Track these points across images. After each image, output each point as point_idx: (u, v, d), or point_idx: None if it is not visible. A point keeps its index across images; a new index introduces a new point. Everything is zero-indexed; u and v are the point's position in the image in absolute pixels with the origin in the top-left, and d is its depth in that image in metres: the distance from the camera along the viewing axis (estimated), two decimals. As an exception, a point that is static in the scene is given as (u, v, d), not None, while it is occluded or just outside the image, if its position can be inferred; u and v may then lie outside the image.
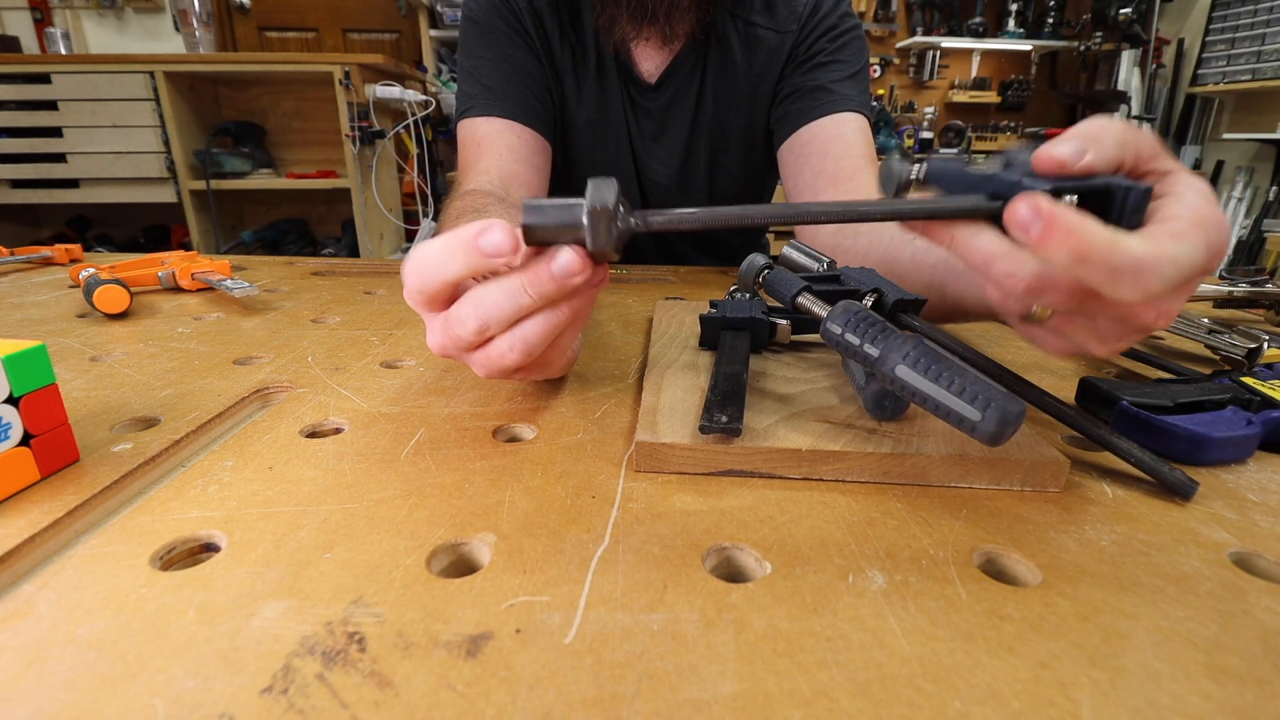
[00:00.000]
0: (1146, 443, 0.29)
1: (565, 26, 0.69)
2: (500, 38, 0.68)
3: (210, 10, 2.30)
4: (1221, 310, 0.58)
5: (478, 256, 0.26)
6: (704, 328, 0.39)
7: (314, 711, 0.16)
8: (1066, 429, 0.33)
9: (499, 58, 0.68)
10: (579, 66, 0.71)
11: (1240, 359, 0.40)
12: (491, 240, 0.26)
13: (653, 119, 0.74)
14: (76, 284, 0.58)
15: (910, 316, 0.34)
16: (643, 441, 0.27)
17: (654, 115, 0.73)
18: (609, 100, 0.72)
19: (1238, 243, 2.74)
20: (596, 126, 0.74)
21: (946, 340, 0.33)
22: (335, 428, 0.32)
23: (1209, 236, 0.22)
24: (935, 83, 3.17)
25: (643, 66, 0.71)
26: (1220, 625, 0.19)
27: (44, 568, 0.21)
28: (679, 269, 0.73)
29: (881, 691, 0.17)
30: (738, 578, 0.21)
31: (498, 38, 0.68)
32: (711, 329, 0.39)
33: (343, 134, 2.04)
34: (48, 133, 2.02)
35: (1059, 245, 0.21)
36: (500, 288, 0.27)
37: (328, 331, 0.46)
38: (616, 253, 0.26)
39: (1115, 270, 0.21)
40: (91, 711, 0.16)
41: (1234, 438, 0.29)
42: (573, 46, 0.70)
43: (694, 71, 0.71)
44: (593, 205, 0.25)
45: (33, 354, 0.25)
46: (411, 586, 0.20)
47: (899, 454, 0.27)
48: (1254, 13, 2.65)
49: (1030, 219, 0.21)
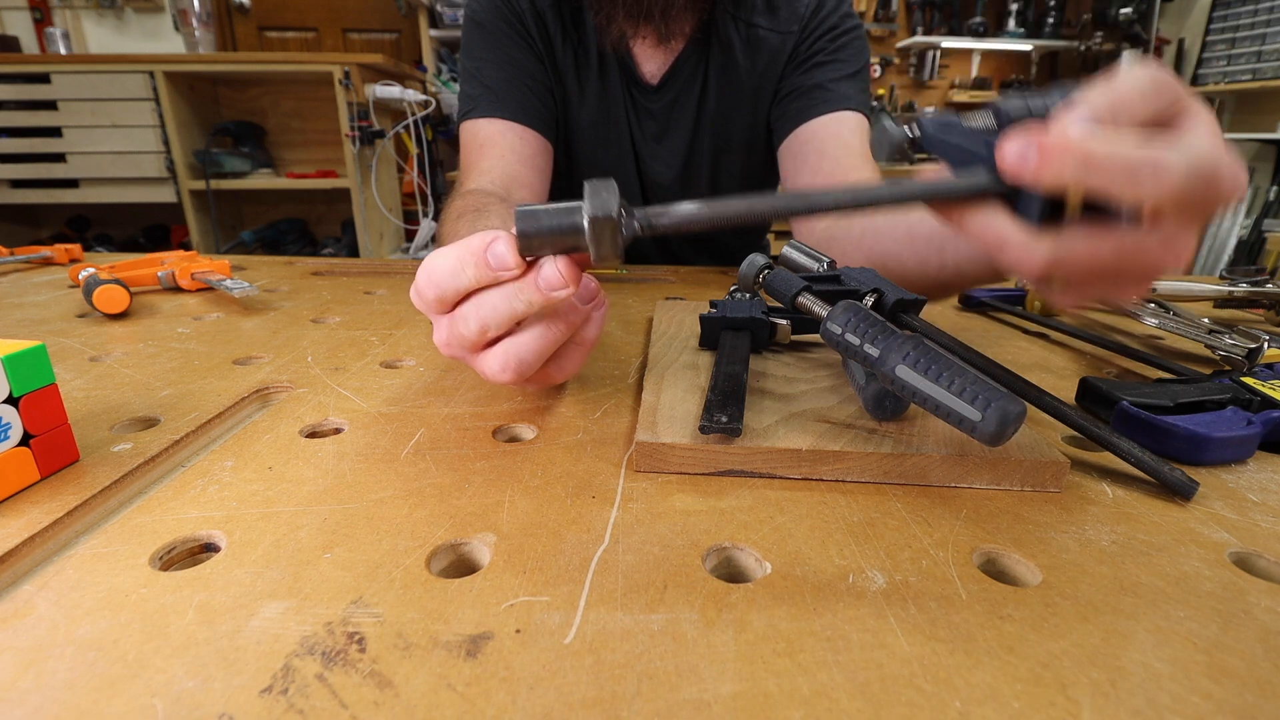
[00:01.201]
0: (1147, 443, 0.29)
1: (568, 27, 0.69)
2: (503, 39, 0.68)
3: (210, 10, 2.30)
4: (1222, 310, 0.58)
5: (486, 269, 0.27)
6: (704, 328, 0.39)
7: (314, 711, 0.16)
8: (1067, 429, 0.33)
9: (501, 59, 0.68)
10: (581, 67, 0.71)
11: (1240, 359, 0.40)
12: (495, 253, 0.26)
13: (655, 120, 0.74)
14: (76, 284, 0.58)
15: (910, 316, 0.34)
16: (643, 441, 0.27)
17: (656, 116, 0.73)
18: (611, 101, 0.72)
19: (1238, 243, 2.74)
20: (599, 127, 0.74)
21: (947, 340, 0.33)
22: (335, 428, 0.32)
23: (1220, 145, 0.21)
24: (935, 83, 3.16)
25: (644, 67, 0.71)
26: (1220, 625, 0.19)
27: (44, 568, 0.21)
28: (679, 269, 0.73)
29: (881, 691, 0.17)
30: (738, 578, 0.21)
31: (500, 39, 0.68)
32: (711, 329, 0.39)
33: (343, 134, 2.04)
34: (47, 133, 2.02)
35: (1061, 163, 0.20)
36: (500, 293, 0.27)
37: (328, 331, 0.46)
38: (619, 258, 0.26)
39: (1129, 166, 0.20)
40: (91, 711, 0.16)
41: (1234, 438, 0.29)
42: (575, 48, 0.70)
43: (696, 72, 0.71)
44: (594, 214, 0.24)
45: (33, 354, 0.25)
46: (411, 587, 0.20)
47: (899, 454, 0.27)
48: (1254, 13, 2.65)
49: (1022, 152, 0.21)
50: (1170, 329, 0.44)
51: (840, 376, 0.35)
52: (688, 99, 0.72)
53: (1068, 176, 0.21)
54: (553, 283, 0.26)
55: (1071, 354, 0.45)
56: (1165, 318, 0.45)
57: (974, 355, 0.33)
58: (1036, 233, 0.23)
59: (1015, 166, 0.22)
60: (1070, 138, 0.21)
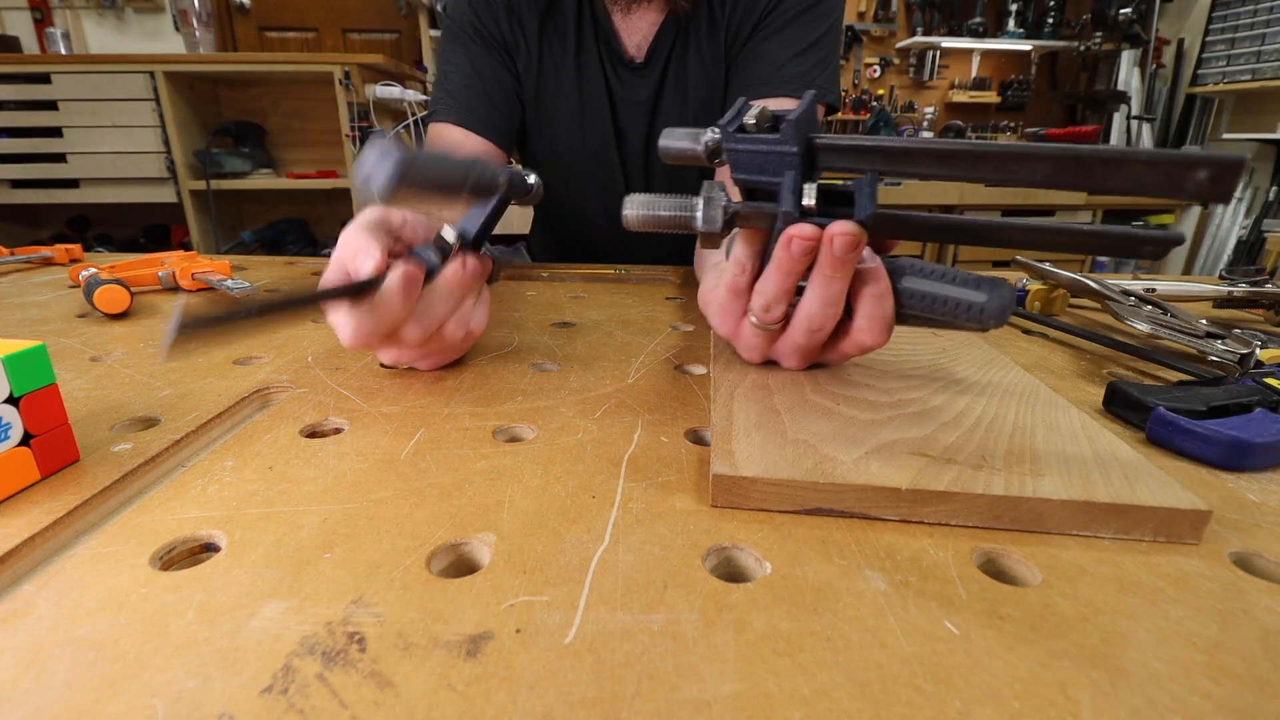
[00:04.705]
0: (1186, 448, 0.29)
1: (543, 16, 0.69)
2: (468, 46, 0.69)
3: (210, 10, 2.30)
4: (1221, 310, 0.58)
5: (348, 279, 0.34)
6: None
7: (314, 711, 0.16)
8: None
9: (465, 67, 0.69)
10: (558, 54, 0.70)
11: (1233, 364, 0.39)
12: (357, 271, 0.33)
13: (640, 99, 0.73)
14: (76, 284, 0.58)
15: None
16: (721, 475, 0.24)
17: (641, 95, 0.72)
18: (592, 84, 0.72)
19: (1237, 243, 2.74)
20: (577, 116, 0.73)
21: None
22: (335, 428, 0.32)
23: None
24: (935, 83, 3.16)
25: (628, 43, 0.70)
26: (1220, 625, 0.19)
27: (44, 568, 0.21)
28: (679, 269, 0.73)
29: (881, 691, 0.17)
30: (738, 578, 0.21)
31: (465, 45, 0.69)
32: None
33: (343, 134, 2.04)
34: (48, 133, 2.02)
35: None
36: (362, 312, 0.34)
37: (328, 331, 0.46)
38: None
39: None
40: (91, 711, 0.16)
41: (1275, 444, 0.28)
42: (551, 35, 0.70)
43: (677, 42, 0.69)
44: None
45: (33, 354, 0.25)
46: (411, 586, 0.20)
47: (1013, 497, 0.23)
48: (1254, 13, 2.65)
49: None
50: (1163, 334, 0.43)
51: (928, 402, 0.31)
52: (672, 73, 0.70)
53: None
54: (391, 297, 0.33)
55: (1071, 354, 0.45)
56: (1160, 320, 0.45)
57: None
58: None
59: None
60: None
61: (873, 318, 0.31)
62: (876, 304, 0.31)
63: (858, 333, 0.32)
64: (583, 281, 0.66)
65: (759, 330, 0.34)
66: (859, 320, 0.32)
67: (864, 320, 0.31)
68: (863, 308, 0.31)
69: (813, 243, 0.30)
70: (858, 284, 0.31)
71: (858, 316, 0.32)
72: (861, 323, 0.32)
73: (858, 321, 0.32)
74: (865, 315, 0.31)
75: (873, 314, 0.31)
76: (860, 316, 0.32)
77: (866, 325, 0.31)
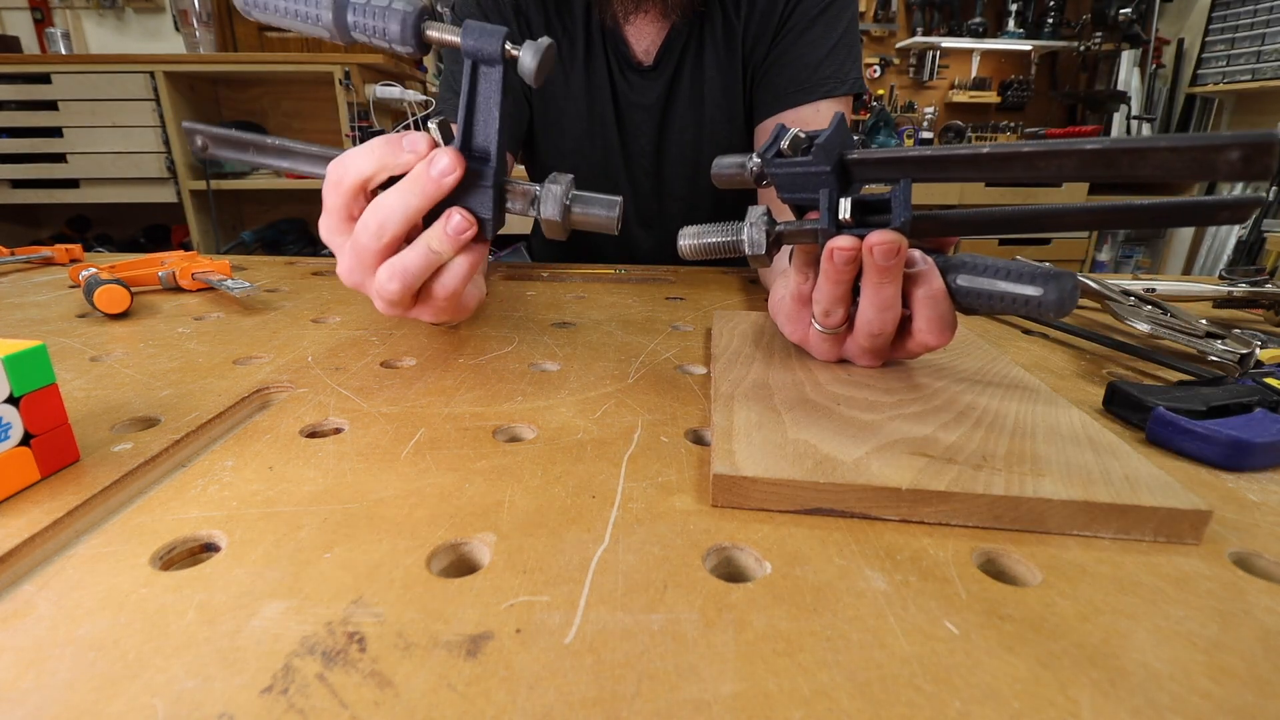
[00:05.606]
0: (1186, 448, 0.29)
1: (551, 18, 0.69)
2: None
3: (210, 10, 2.30)
4: (1221, 310, 0.58)
5: (396, 147, 0.32)
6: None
7: (314, 711, 0.16)
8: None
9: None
10: (567, 58, 0.70)
11: (1233, 364, 0.39)
12: (410, 138, 0.32)
13: (649, 102, 0.72)
14: (77, 284, 0.58)
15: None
16: (721, 475, 0.25)
17: (650, 98, 0.72)
18: (598, 87, 0.71)
19: (1237, 243, 2.74)
20: (584, 119, 0.73)
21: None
22: (335, 428, 0.32)
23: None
24: (935, 83, 3.16)
25: (636, 46, 0.69)
26: (1220, 625, 0.19)
27: (44, 568, 0.21)
28: (679, 269, 0.73)
29: (881, 691, 0.17)
30: (738, 578, 0.21)
31: None
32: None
33: (343, 134, 2.04)
34: (48, 133, 2.02)
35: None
36: (394, 191, 0.32)
37: (328, 331, 0.46)
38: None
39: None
40: (91, 711, 0.16)
41: (1275, 443, 0.28)
42: (560, 38, 0.69)
43: (689, 46, 0.69)
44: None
45: (33, 354, 0.25)
46: (411, 586, 0.20)
47: (1014, 497, 0.23)
48: (1254, 13, 2.65)
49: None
50: (1163, 334, 0.43)
51: (929, 402, 0.32)
52: (683, 78, 0.70)
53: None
54: (444, 168, 0.31)
55: (1071, 354, 0.45)
56: (1160, 320, 0.45)
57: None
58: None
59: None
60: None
61: (930, 319, 0.32)
62: (932, 305, 0.32)
63: (919, 333, 0.33)
64: (583, 281, 0.66)
65: (824, 335, 0.36)
66: (918, 321, 0.32)
67: (923, 321, 0.32)
68: (919, 309, 0.32)
69: (853, 253, 0.31)
70: (911, 286, 0.32)
71: (916, 318, 0.32)
72: (921, 324, 0.32)
73: (917, 323, 0.33)
74: (923, 317, 0.32)
75: (930, 315, 0.32)
76: (919, 318, 0.32)
77: (926, 326, 0.32)
